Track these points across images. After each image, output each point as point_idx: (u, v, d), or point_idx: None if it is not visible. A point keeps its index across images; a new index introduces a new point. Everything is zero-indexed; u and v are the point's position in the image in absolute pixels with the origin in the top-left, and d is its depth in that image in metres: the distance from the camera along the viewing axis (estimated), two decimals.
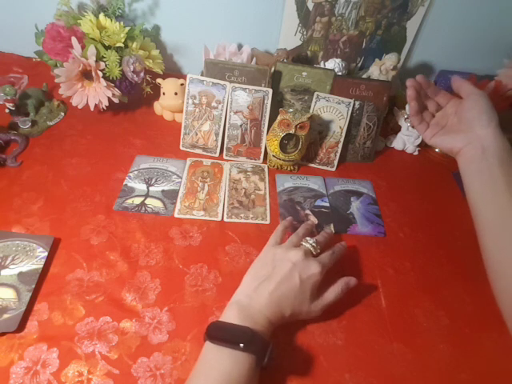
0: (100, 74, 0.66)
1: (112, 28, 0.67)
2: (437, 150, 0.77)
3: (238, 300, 0.45)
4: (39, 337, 0.44)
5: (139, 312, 0.48)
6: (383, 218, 0.64)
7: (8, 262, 0.50)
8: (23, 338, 0.44)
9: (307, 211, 0.63)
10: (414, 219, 0.64)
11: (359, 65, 0.85)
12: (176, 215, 0.60)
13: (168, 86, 0.73)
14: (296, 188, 0.67)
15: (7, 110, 0.70)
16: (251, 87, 0.66)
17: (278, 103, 0.71)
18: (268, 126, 0.68)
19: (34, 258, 0.51)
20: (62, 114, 0.75)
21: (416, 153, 0.77)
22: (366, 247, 0.59)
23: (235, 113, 0.68)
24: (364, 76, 0.77)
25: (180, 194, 0.63)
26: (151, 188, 0.63)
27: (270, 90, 0.66)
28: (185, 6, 0.79)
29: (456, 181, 0.72)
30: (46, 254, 0.51)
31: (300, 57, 0.82)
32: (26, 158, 0.65)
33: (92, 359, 0.43)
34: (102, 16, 0.67)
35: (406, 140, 0.77)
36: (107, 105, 0.70)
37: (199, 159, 0.70)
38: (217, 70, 0.67)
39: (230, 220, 0.60)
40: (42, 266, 0.50)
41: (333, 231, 0.60)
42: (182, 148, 0.72)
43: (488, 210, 0.46)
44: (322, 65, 0.79)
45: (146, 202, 0.61)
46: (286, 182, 0.68)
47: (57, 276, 0.50)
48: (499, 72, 0.70)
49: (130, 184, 0.63)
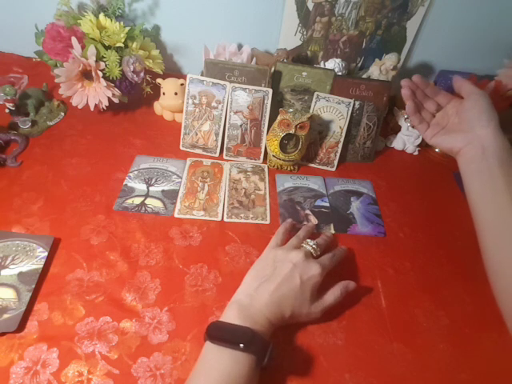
0: (100, 73, 0.66)
1: (112, 28, 0.67)
2: (437, 149, 0.77)
3: (238, 300, 0.45)
4: (39, 337, 0.44)
5: (139, 312, 0.48)
6: (383, 218, 0.64)
7: (8, 261, 0.50)
8: (23, 338, 0.44)
9: (307, 211, 0.63)
10: (413, 219, 0.64)
11: (359, 65, 0.85)
12: (176, 215, 0.60)
13: (168, 85, 0.73)
14: (296, 188, 0.67)
15: (7, 110, 0.70)
16: (251, 87, 0.66)
17: (278, 103, 0.71)
18: (268, 125, 0.68)
19: (34, 258, 0.50)
20: (62, 113, 0.75)
21: (416, 153, 0.78)
22: (365, 247, 0.59)
23: (235, 113, 0.68)
24: (364, 76, 0.77)
25: (180, 194, 0.63)
26: (151, 188, 0.63)
27: (270, 90, 0.66)
28: (185, 6, 0.79)
29: (456, 181, 0.72)
30: (46, 254, 0.51)
31: (300, 57, 0.82)
32: (26, 157, 0.65)
33: (92, 359, 0.43)
34: (101, 16, 0.67)
35: (406, 140, 0.77)
36: (107, 105, 0.70)
37: (199, 159, 0.70)
38: (217, 69, 0.67)
39: (229, 220, 0.60)
40: (41, 266, 0.50)
41: (333, 232, 0.60)
42: (181, 148, 0.72)
43: (488, 209, 0.46)
44: (322, 65, 0.78)
45: (146, 201, 0.61)
46: (286, 182, 0.68)
47: (57, 276, 0.50)
48: (499, 72, 0.70)
49: (130, 184, 0.63)
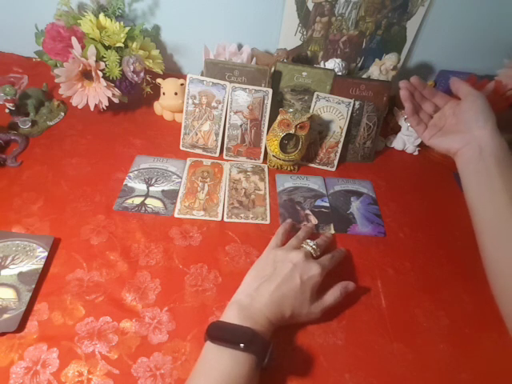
0: (100, 74, 0.66)
1: (112, 28, 0.67)
2: None
3: (238, 300, 0.45)
4: (39, 337, 0.44)
5: (139, 312, 0.48)
6: (383, 218, 0.64)
7: (8, 261, 0.50)
8: (23, 338, 0.44)
9: (307, 211, 0.63)
10: (414, 219, 0.64)
11: (359, 65, 0.85)
12: (176, 215, 0.60)
13: (168, 85, 0.73)
14: (296, 188, 0.67)
15: (7, 110, 0.70)
16: (251, 87, 0.66)
17: (278, 103, 0.71)
18: (268, 125, 0.68)
19: (34, 258, 0.50)
20: (62, 114, 0.75)
21: (416, 153, 0.78)
22: (365, 247, 0.59)
23: (235, 113, 0.68)
24: (364, 76, 0.77)
25: (180, 194, 0.63)
26: (151, 188, 0.63)
27: (270, 90, 0.66)
28: (185, 6, 0.79)
29: (456, 181, 0.72)
30: (45, 254, 0.51)
31: (300, 57, 0.82)
32: (26, 157, 0.65)
33: (92, 359, 0.43)
34: (101, 16, 0.67)
35: (406, 140, 0.77)
36: (107, 105, 0.70)
37: (199, 159, 0.70)
38: (217, 70, 0.67)
39: (229, 220, 0.60)
40: (41, 266, 0.50)
41: (333, 232, 0.60)
42: (181, 148, 0.72)
43: (486, 209, 0.46)
44: (322, 65, 0.78)
45: (146, 201, 0.61)
46: (286, 182, 0.68)
47: (57, 276, 0.50)
48: (499, 72, 0.70)
49: (130, 184, 0.63)
